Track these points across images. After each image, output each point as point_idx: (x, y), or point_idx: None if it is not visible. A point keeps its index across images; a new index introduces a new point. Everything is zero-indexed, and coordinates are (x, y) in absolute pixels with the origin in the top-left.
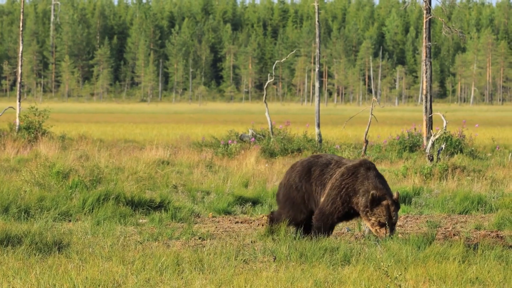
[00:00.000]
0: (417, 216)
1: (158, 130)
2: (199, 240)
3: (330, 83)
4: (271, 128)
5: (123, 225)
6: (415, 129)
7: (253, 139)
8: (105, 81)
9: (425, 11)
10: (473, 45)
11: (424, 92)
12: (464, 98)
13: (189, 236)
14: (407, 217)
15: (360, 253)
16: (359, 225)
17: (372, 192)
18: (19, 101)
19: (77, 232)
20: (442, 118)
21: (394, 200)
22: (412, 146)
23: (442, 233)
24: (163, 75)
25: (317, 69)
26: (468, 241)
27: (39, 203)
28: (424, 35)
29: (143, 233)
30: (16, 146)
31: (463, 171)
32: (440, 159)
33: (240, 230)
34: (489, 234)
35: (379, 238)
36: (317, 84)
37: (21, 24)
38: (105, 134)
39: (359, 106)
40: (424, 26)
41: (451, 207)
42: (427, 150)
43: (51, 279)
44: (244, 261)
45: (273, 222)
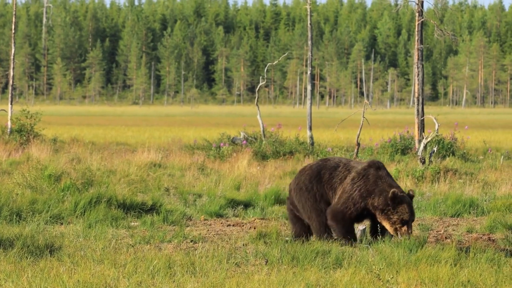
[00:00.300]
0: None
1: (150, 133)
2: (191, 243)
3: (322, 86)
4: (263, 131)
5: (115, 228)
6: (408, 132)
7: (245, 142)
8: (97, 84)
9: (417, 14)
10: (465, 48)
11: (416, 95)
12: (456, 101)
13: (181, 239)
14: None
15: (352, 256)
16: None
17: (393, 190)
18: (11, 104)
19: (69, 235)
20: (434, 121)
21: (412, 198)
22: (404, 149)
23: (434, 236)
24: (155, 78)
25: (309, 72)
26: (460, 244)
27: (31, 206)
28: (416, 38)
29: (135, 236)
30: (8, 149)
31: (455, 174)
32: (432, 162)
33: (232, 233)
34: (481, 237)
35: (399, 237)
36: (309, 87)
37: (13, 27)
38: (97, 137)
39: (351, 109)
40: (416, 29)
41: (443, 210)
42: (419, 153)
43: (43, 282)
44: (236, 264)
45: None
